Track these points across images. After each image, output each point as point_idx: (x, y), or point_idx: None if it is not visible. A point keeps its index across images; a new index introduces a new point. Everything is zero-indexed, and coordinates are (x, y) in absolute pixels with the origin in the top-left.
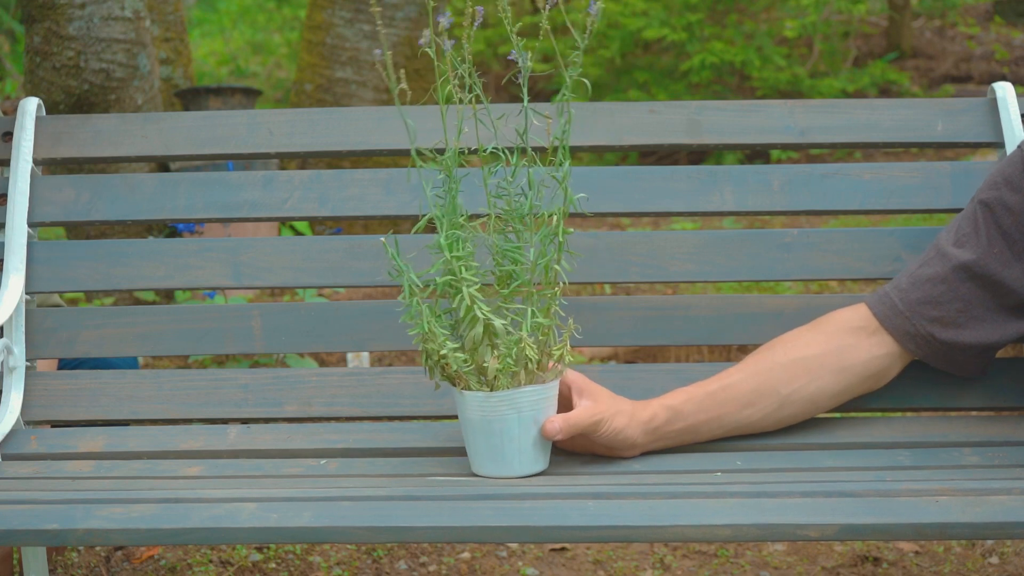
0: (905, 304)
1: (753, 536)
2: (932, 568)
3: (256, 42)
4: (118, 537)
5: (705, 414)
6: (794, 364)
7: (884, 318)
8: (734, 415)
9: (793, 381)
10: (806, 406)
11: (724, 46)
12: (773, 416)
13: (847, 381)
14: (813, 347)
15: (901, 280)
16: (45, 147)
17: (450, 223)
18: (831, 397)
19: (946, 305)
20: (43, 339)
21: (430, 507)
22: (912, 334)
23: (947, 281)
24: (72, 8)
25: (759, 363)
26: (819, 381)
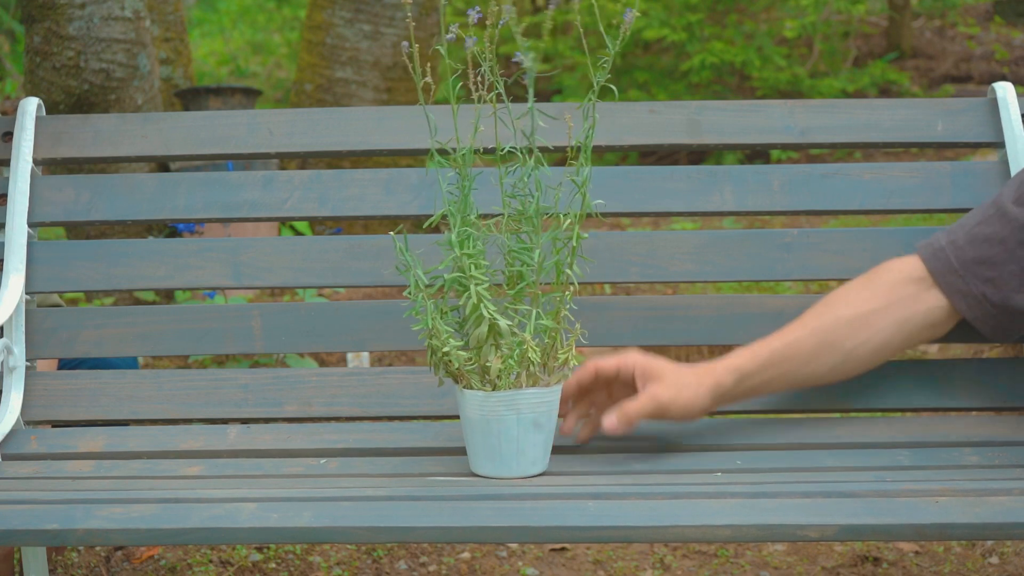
0: (960, 262)
1: (753, 536)
2: (932, 568)
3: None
4: (118, 537)
5: (769, 372)
6: (857, 320)
7: (937, 274)
8: (798, 371)
9: (856, 336)
10: (870, 359)
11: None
12: (837, 370)
13: (908, 332)
14: (873, 302)
15: (957, 235)
16: (45, 147)
17: (462, 220)
18: (894, 349)
19: (1002, 267)
20: (43, 339)
21: (430, 507)
22: (964, 293)
23: (1005, 242)
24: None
25: (821, 319)
26: (882, 335)
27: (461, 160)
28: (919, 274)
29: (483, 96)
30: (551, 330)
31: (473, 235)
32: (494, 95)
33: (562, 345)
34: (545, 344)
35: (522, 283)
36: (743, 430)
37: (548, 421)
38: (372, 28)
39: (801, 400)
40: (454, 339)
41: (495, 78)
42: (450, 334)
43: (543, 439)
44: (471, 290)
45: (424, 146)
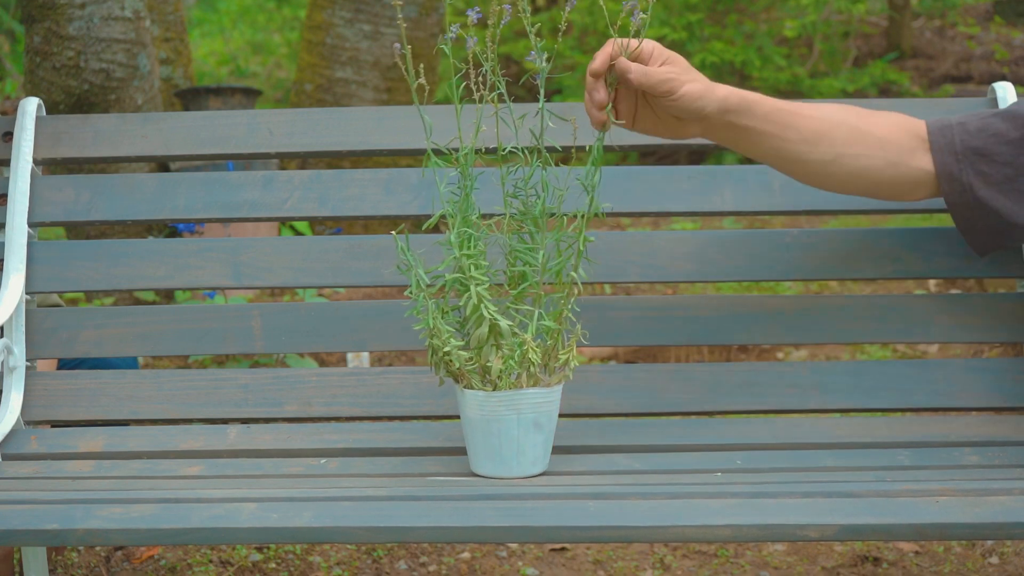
0: (963, 147)
1: (753, 536)
2: (932, 568)
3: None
4: (118, 537)
5: (770, 127)
6: (862, 133)
7: (936, 148)
8: (794, 145)
9: (854, 146)
10: (851, 178)
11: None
12: (822, 167)
13: (891, 174)
14: (880, 129)
15: (970, 120)
16: (45, 147)
17: (463, 221)
18: (873, 183)
19: (999, 166)
20: (43, 339)
21: (430, 507)
22: (954, 176)
23: (1012, 143)
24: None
25: (834, 114)
26: (873, 160)
27: (463, 160)
28: (923, 134)
29: (484, 96)
30: (552, 331)
31: (473, 235)
32: (495, 95)
33: (563, 346)
34: (546, 345)
35: (524, 283)
36: (744, 430)
37: (548, 421)
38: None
39: (800, 399)
40: (455, 339)
41: (496, 78)
42: (451, 334)
43: (543, 439)
44: (471, 291)
45: (424, 146)
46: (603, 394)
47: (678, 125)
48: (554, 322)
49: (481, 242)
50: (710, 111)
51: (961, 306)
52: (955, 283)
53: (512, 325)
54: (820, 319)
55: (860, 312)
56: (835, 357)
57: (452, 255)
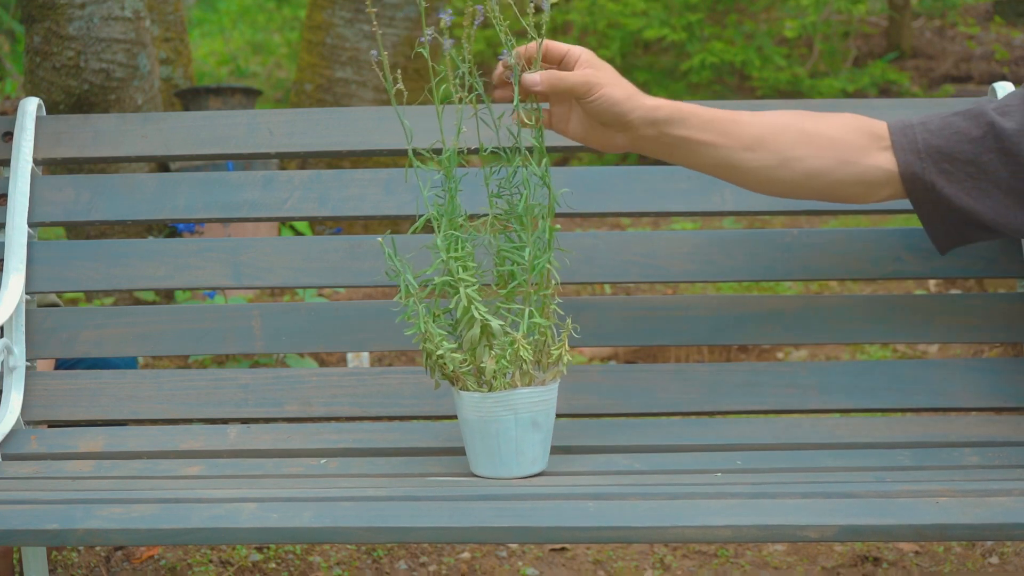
0: (925, 146)
1: (753, 537)
2: (932, 568)
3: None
4: (118, 537)
5: (707, 136)
6: (806, 134)
7: (899, 148)
8: (734, 152)
9: (799, 148)
10: (802, 179)
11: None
12: (768, 173)
13: (844, 174)
14: (829, 129)
15: (932, 120)
16: (45, 147)
17: (449, 223)
18: (826, 184)
19: (962, 164)
20: (43, 339)
21: (430, 507)
22: (916, 175)
23: (975, 142)
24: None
25: (776, 118)
26: (822, 161)
27: (446, 162)
28: (880, 133)
29: (464, 97)
30: (541, 327)
31: (460, 237)
32: (473, 96)
33: (554, 342)
34: (537, 342)
35: (514, 282)
36: (743, 430)
37: (546, 420)
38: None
39: (800, 399)
40: (447, 342)
41: (473, 79)
42: (443, 337)
43: (541, 438)
44: (461, 293)
45: (424, 146)
46: (603, 394)
47: (604, 133)
48: (541, 317)
49: (468, 244)
50: (633, 119)
51: (961, 306)
52: (955, 283)
53: (503, 325)
54: (820, 319)
55: (860, 312)
56: (835, 357)
57: (440, 258)
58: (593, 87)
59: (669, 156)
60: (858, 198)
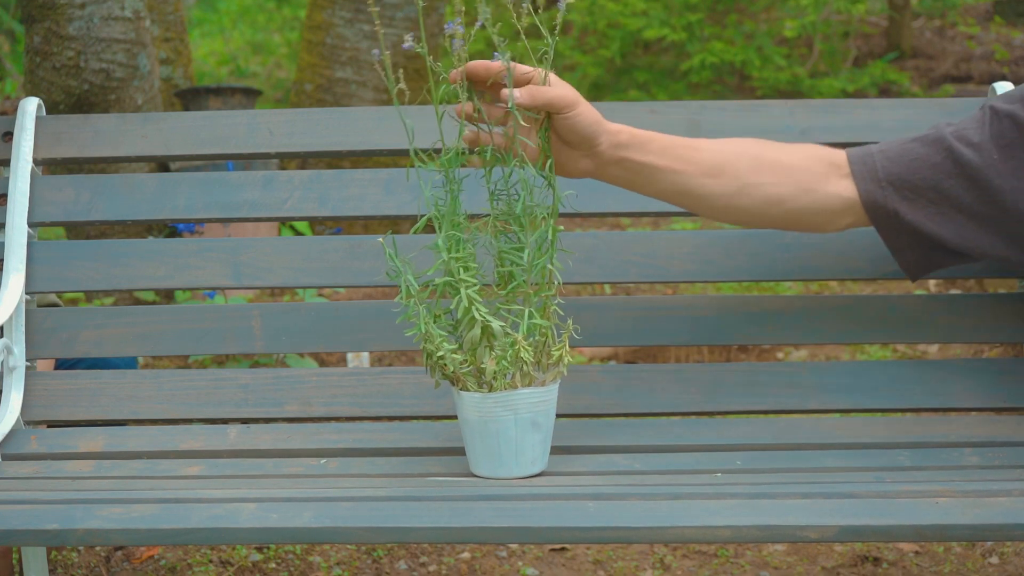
0: (885, 173)
1: (753, 537)
2: (932, 568)
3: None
4: (118, 537)
5: (667, 162)
6: (765, 162)
7: (859, 177)
8: (693, 179)
9: (759, 175)
10: (761, 207)
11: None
12: (727, 200)
13: (804, 202)
14: (788, 157)
15: (890, 147)
16: (45, 147)
17: (450, 224)
18: (786, 212)
19: (924, 191)
20: (43, 339)
21: (430, 507)
22: (879, 204)
23: (935, 168)
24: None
25: (735, 145)
26: (781, 188)
27: (446, 163)
28: (839, 161)
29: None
30: (542, 328)
31: (461, 238)
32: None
33: (554, 342)
34: (537, 342)
35: (514, 283)
36: (743, 430)
37: (546, 420)
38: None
39: (800, 399)
40: (448, 343)
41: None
42: (444, 338)
43: (541, 438)
44: (461, 293)
45: (424, 146)
46: (603, 394)
47: (568, 156)
48: (541, 318)
49: (470, 244)
50: (602, 142)
51: (961, 306)
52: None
53: (504, 325)
54: (820, 319)
55: (860, 312)
56: (835, 357)
57: (441, 259)
58: (573, 103)
59: (630, 183)
60: (818, 227)
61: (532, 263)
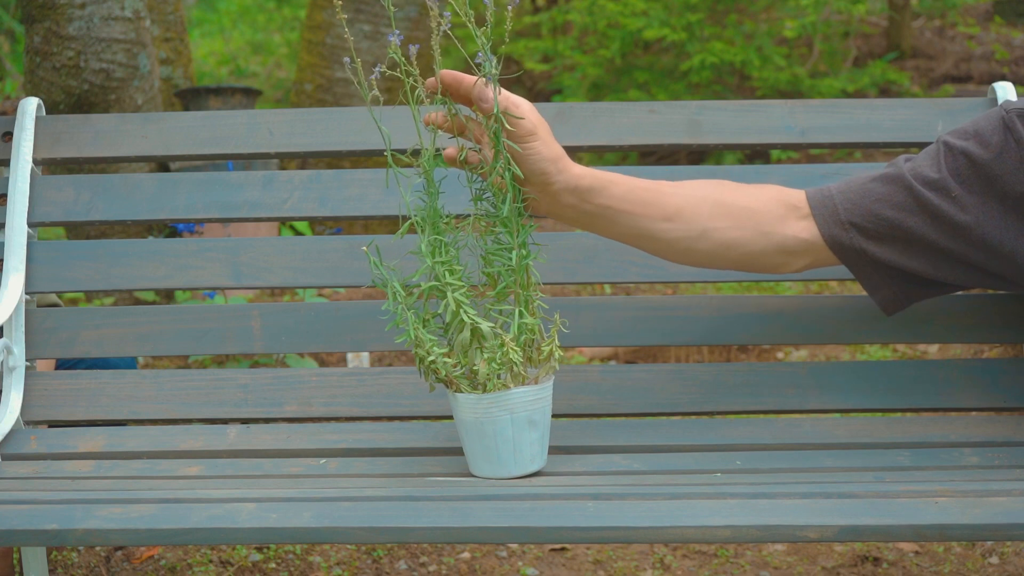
0: (847, 214)
1: (753, 537)
2: (932, 568)
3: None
4: (118, 537)
5: (628, 206)
6: (725, 206)
7: (820, 220)
8: (653, 223)
9: (718, 220)
10: (720, 250)
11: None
12: (688, 243)
13: (764, 245)
14: (747, 200)
15: (850, 187)
16: (45, 147)
17: (432, 228)
18: (744, 254)
19: (889, 230)
20: (43, 339)
21: (430, 507)
22: (844, 245)
23: (898, 207)
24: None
25: (696, 189)
26: (740, 232)
27: (426, 165)
28: (797, 203)
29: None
30: (530, 326)
31: (444, 242)
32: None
33: (543, 338)
34: (527, 340)
35: (503, 283)
36: (743, 430)
37: (543, 418)
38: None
39: (800, 399)
40: (438, 347)
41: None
42: (434, 342)
43: (539, 436)
44: (448, 297)
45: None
46: (603, 394)
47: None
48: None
49: (453, 247)
50: (555, 183)
51: (961, 306)
52: None
53: (494, 326)
54: (820, 319)
55: (860, 312)
56: (835, 357)
57: (426, 264)
58: (530, 135)
59: (588, 225)
60: (776, 268)
61: (521, 264)
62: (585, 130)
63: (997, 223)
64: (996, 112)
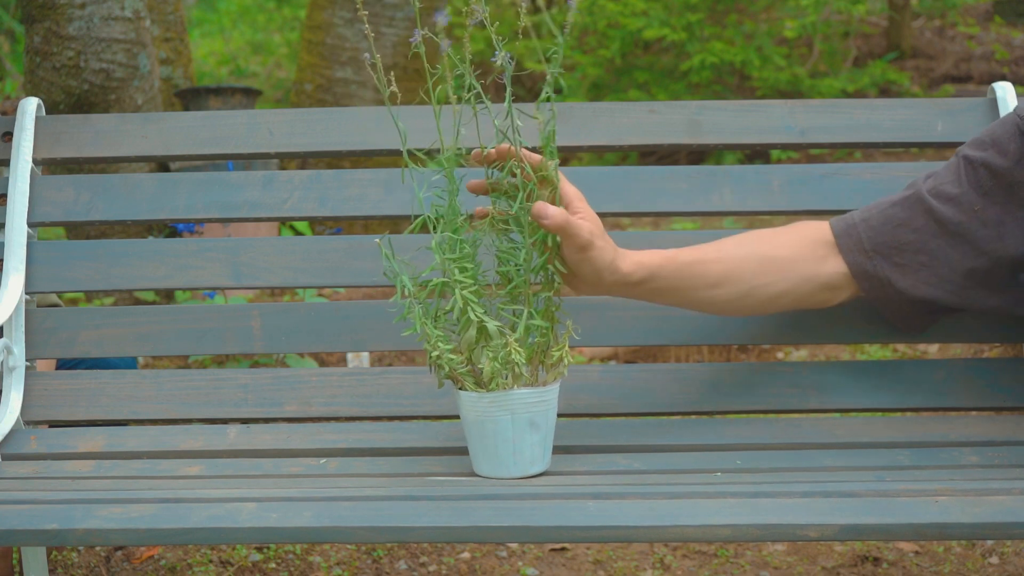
0: (871, 243)
1: (753, 536)
2: (932, 568)
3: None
4: (118, 537)
5: (675, 283)
6: (767, 261)
7: (846, 250)
8: (702, 292)
9: (762, 276)
10: (768, 302)
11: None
12: (737, 303)
13: (809, 290)
14: (785, 250)
15: (872, 215)
16: (45, 147)
17: (448, 224)
18: (794, 300)
19: (912, 255)
20: (43, 339)
21: (430, 507)
22: (869, 274)
23: (918, 231)
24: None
25: (736, 249)
26: (785, 283)
27: (446, 163)
28: (828, 239)
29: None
30: (542, 329)
31: (457, 239)
32: (471, 96)
33: (555, 343)
34: (537, 343)
35: (512, 283)
36: (743, 430)
37: (545, 421)
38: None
39: (800, 399)
40: (443, 342)
41: (471, 79)
42: (441, 338)
43: (540, 439)
44: (456, 294)
45: (424, 146)
46: (603, 394)
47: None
48: (543, 320)
49: (468, 245)
50: (608, 281)
51: None
52: None
53: (501, 326)
54: (820, 319)
55: (860, 312)
56: (835, 357)
57: (437, 259)
58: (589, 247)
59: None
60: (823, 304)
61: (531, 264)
62: (585, 130)
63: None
64: (1011, 119)
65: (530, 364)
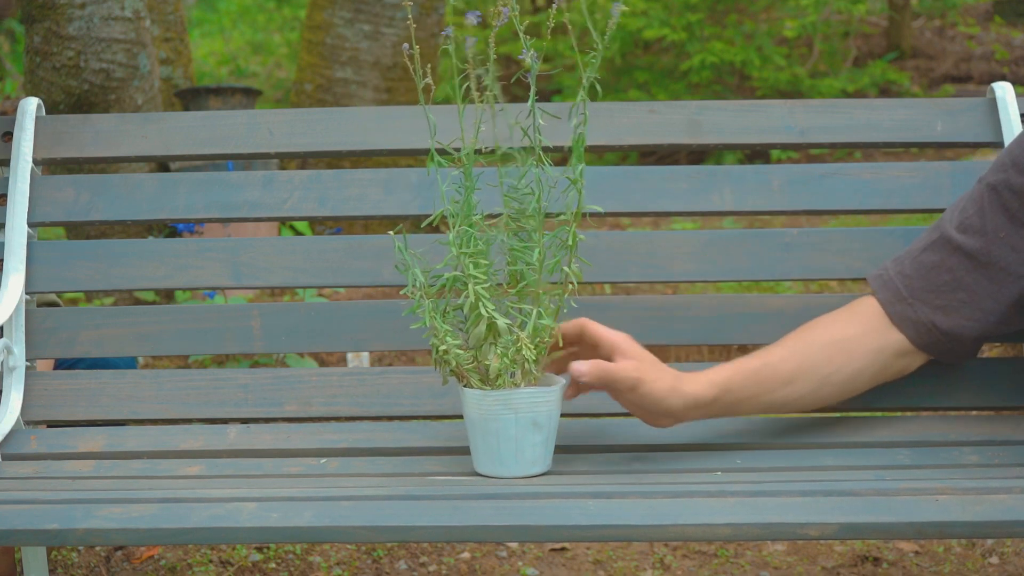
0: (909, 291)
1: (753, 535)
2: (932, 568)
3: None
4: (118, 537)
5: (748, 391)
6: (833, 345)
7: (886, 304)
8: (775, 392)
9: (832, 362)
10: (845, 386)
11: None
12: (813, 395)
13: (882, 362)
14: (849, 329)
15: (904, 264)
16: (45, 147)
17: (463, 221)
18: (869, 378)
19: (950, 294)
20: (43, 339)
21: (430, 507)
22: (914, 321)
23: (952, 270)
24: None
25: (799, 342)
26: (857, 363)
27: (465, 160)
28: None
29: (479, 96)
30: (550, 329)
31: (473, 235)
32: (491, 95)
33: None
34: (543, 342)
35: (523, 282)
36: (743, 429)
37: (548, 421)
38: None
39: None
40: (451, 337)
41: (491, 79)
42: (449, 332)
43: (543, 439)
44: (469, 289)
45: (424, 146)
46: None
47: (648, 416)
48: (551, 319)
49: (481, 241)
50: (676, 409)
51: None
52: None
53: (510, 324)
54: None
55: None
56: None
57: (451, 254)
58: (637, 384)
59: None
60: (904, 370)
61: (542, 263)
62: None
63: None
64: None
65: (537, 363)
